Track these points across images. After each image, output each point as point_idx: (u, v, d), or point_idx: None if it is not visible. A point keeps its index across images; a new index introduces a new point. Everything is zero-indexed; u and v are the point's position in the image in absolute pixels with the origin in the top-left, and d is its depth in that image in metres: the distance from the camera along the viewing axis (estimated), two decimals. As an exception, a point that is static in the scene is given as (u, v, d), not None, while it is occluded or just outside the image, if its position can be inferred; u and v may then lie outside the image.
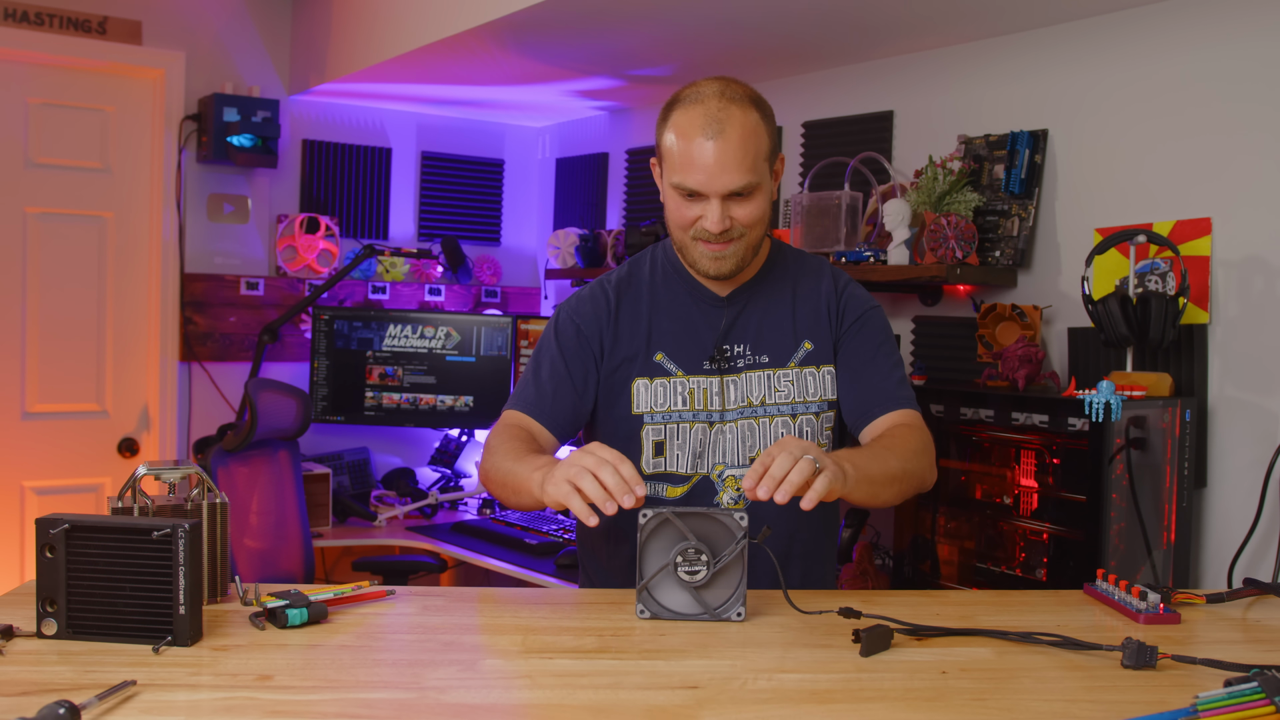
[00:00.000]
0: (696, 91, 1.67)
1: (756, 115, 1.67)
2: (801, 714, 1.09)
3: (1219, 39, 2.39)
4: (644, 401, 1.77)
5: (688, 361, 1.78)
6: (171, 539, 1.24)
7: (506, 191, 4.49)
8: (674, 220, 1.72)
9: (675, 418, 1.77)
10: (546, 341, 1.82)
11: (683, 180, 1.65)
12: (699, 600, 1.40)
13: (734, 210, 1.66)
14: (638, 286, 1.82)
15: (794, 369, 1.79)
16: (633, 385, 1.77)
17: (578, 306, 1.82)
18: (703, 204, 1.66)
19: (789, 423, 1.77)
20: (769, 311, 1.81)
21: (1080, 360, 2.60)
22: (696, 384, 1.77)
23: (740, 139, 1.63)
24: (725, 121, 1.63)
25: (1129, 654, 1.23)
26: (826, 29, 2.83)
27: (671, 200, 1.70)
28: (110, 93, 3.73)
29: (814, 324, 1.81)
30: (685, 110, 1.66)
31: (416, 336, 3.94)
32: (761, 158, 1.67)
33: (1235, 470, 2.35)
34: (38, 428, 3.67)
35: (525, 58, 3.29)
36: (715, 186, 1.64)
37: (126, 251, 3.78)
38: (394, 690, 1.13)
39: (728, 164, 1.63)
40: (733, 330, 1.79)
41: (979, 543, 2.43)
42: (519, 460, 1.59)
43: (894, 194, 2.91)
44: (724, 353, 1.78)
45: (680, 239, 1.74)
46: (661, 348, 1.78)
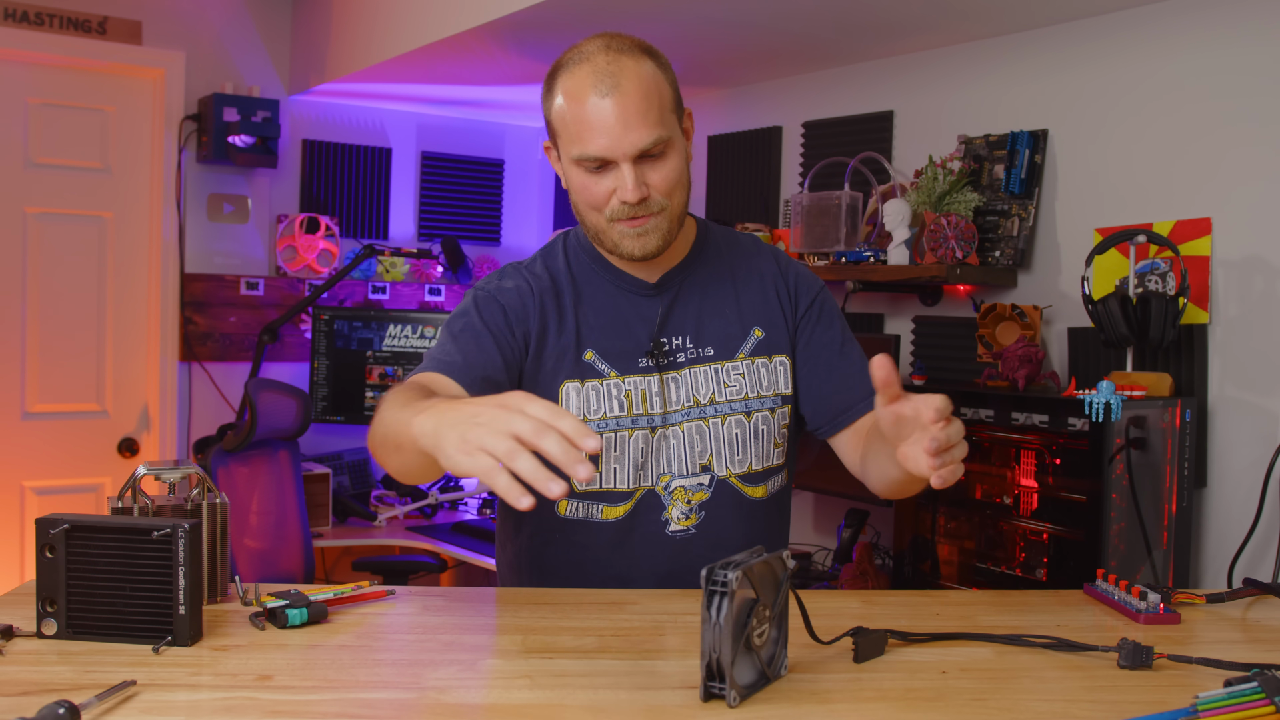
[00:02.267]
0: (579, 52, 1.48)
1: (651, 64, 1.47)
2: (801, 714, 1.09)
3: (1219, 39, 2.39)
4: (575, 408, 1.54)
5: (621, 360, 1.56)
6: (171, 539, 1.23)
7: (506, 191, 4.49)
8: (583, 201, 1.50)
9: (612, 425, 1.54)
10: (460, 317, 1.56)
11: (584, 149, 1.44)
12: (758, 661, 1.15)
13: (649, 175, 1.46)
14: (556, 278, 1.59)
15: (744, 360, 1.59)
16: (561, 390, 1.54)
17: (500, 286, 1.57)
18: (613, 174, 1.45)
19: (743, 421, 1.57)
20: (707, 296, 1.60)
21: (1080, 360, 2.60)
22: (634, 385, 1.55)
23: (640, 90, 1.43)
24: (619, 75, 1.43)
25: (1125, 654, 1.23)
26: (826, 29, 2.83)
27: (577, 179, 1.49)
28: (110, 93, 3.73)
29: (762, 309, 1.61)
30: (571, 73, 1.46)
31: (416, 336, 3.94)
32: (667, 109, 1.47)
33: (1235, 470, 2.35)
34: (38, 428, 3.67)
35: (525, 58, 3.29)
36: (622, 147, 1.43)
37: (126, 251, 3.78)
38: (394, 690, 1.13)
39: (631, 120, 1.42)
40: (669, 320, 1.58)
41: (979, 543, 2.43)
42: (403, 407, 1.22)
43: (894, 194, 2.91)
44: (661, 347, 1.57)
45: (594, 222, 1.51)
46: (591, 345, 1.56)
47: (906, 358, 3.02)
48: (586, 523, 1.58)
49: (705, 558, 1.51)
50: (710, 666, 1.09)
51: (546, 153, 1.57)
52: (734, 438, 1.58)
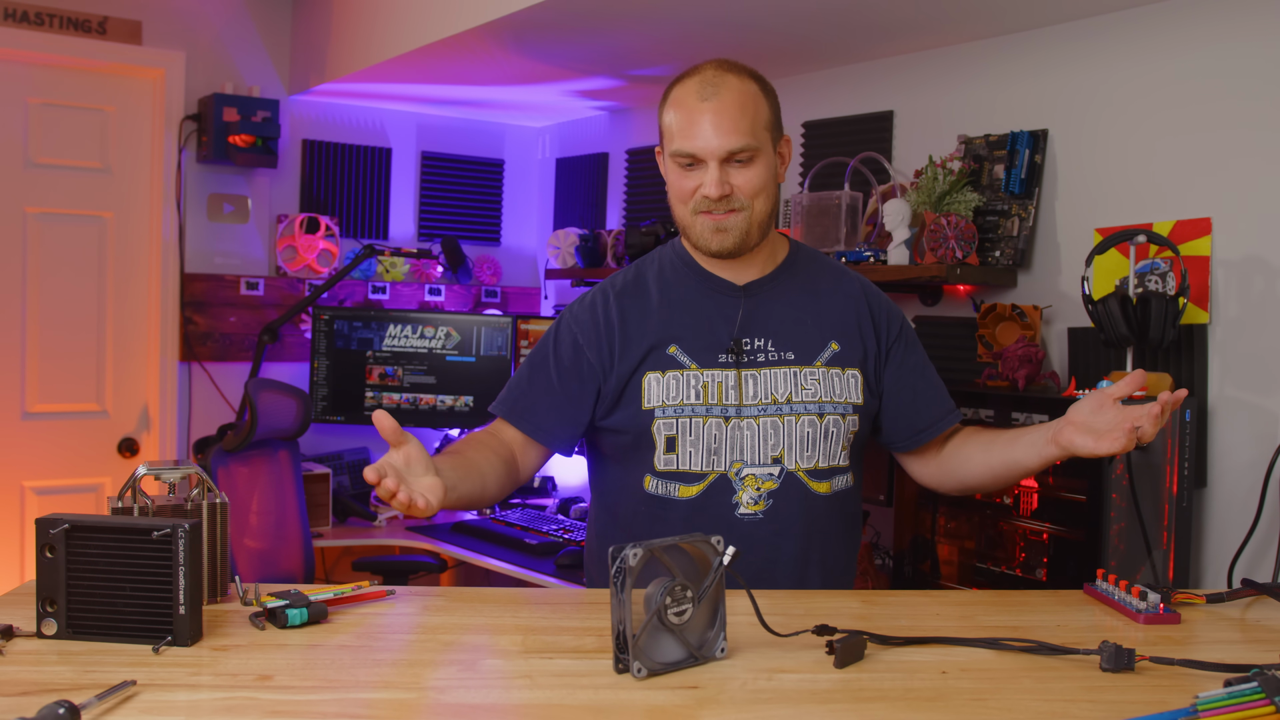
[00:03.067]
0: (694, 68, 1.69)
1: (754, 85, 1.67)
2: (801, 714, 1.09)
3: (1219, 39, 2.39)
4: (655, 396, 1.72)
5: (702, 354, 1.73)
6: (171, 539, 1.23)
7: (506, 191, 4.49)
8: (674, 194, 1.71)
9: (688, 411, 1.70)
10: (543, 349, 1.80)
11: (680, 146, 1.65)
12: (684, 642, 1.21)
13: (733, 176, 1.65)
14: (643, 286, 1.78)
15: (820, 368, 1.75)
16: (644, 381, 1.72)
17: (579, 315, 1.79)
18: (701, 171, 1.65)
19: (815, 422, 1.72)
20: (791, 306, 1.77)
21: (1080, 360, 2.60)
22: (711, 377, 1.71)
23: (736, 101, 1.63)
24: (720, 85, 1.64)
25: (1106, 657, 1.22)
26: (826, 29, 2.83)
27: (673, 174, 1.69)
28: (110, 93, 3.73)
29: (840, 325, 1.77)
30: (682, 84, 1.68)
31: (416, 336, 3.94)
32: (761, 125, 1.66)
33: (1235, 470, 2.35)
34: (38, 428, 3.67)
35: (525, 58, 3.29)
36: (711, 147, 1.63)
37: (126, 251, 3.78)
38: (394, 690, 1.13)
39: (723, 125, 1.62)
40: (751, 323, 1.74)
41: (979, 543, 2.43)
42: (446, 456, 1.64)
43: (894, 194, 2.91)
44: (741, 345, 1.73)
45: (683, 216, 1.71)
46: (675, 341, 1.73)
47: (906, 358, 3.02)
48: (665, 499, 1.73)
49: (769, 542, 1.73)
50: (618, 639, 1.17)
51: (657, 157, 1.77)
52: (805, 435, 1.72)
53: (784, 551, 1.72)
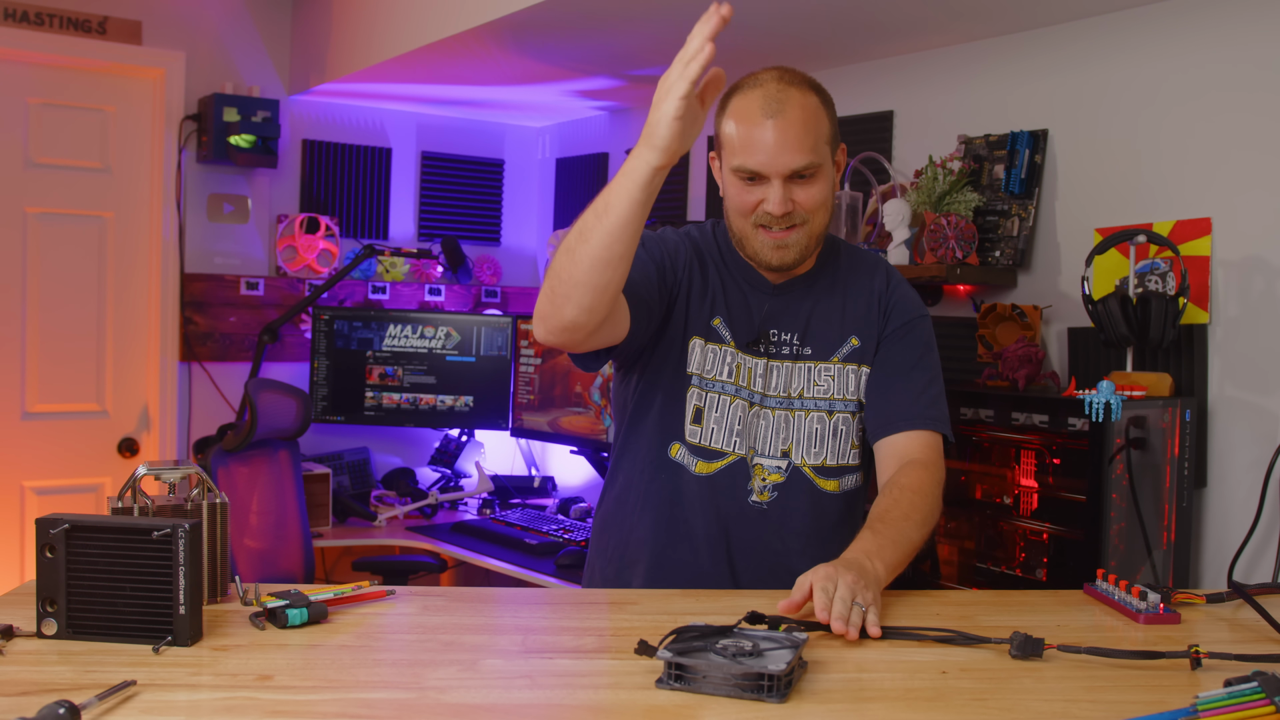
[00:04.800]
0: (754, 79, 1.66)
1: (816, 99, 1.66)
2: (801, 714, 1.09)
3: (1219, 39, 2.39)
4: (696, 362, 1.72)
5: (739, 335, 1.73)
6: (171, 539, 1.23)
7: (506, 191, 4.49)
8: (735, 208, 1.68)
9: (718, 388, 1.72)
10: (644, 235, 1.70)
11: (743, 162, 1.62)
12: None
13: (796, 193, 1.63)
14: (707, 250, 1.77)
15: (836, 364, 1.74)
16: (690, 342, 1.72)
17: (667, 237, 1.75)
18: (764, 187, 1.63)
19: (824, 419, 1.72)
20: (820, 303, 1.76)
21: (1080, 360, 2.60)
22: (744, 360, 1.72)
23: (801, 118, 1.61)
24: (785, 101, 1.61)
25: (1016, 645, 1.28)
26: (827, 29, 2.83)
27: (732, 187, 1.67)
28: (110, 93, 3.73)
29: (862, 321, 1.76)
30: (744, 95, 1.65)
31: (416, 336, 3.94)
32: (823, 140, 1.64)
33: (1235, 470, 2.35)
34: (38, 428, 3.67)
35: (525, 58, 3.29)
36: (777, 166, 1.61)
37: (126, 251, 3.78)
38: (394, 690, 1.13)
39: (789, 142, 1.60)
40: (782, 316, 1.74)
41: (979, 543, 2.43)
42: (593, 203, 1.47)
43: (894, 194, 2.91)
44: (769, 337, 1.73)
45: (741, 228, 1.69)
46: (720, 314, 1.73)
47: (906, 358, 3.02)
48: (685, 469, 1.73)
49: (776, 536, 1.71)
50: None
51: (711, 162, 1.75)
52: (813, 432, 1.72)
53: (790, 546, 1.72)
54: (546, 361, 3.85)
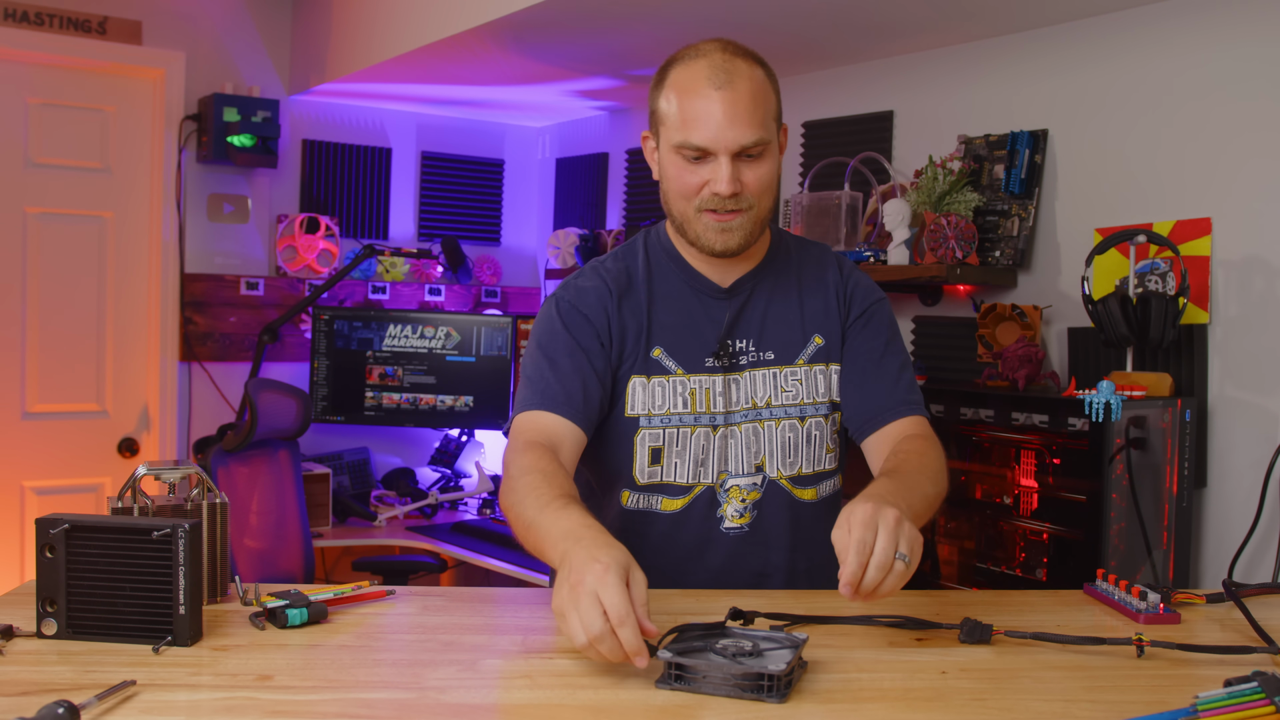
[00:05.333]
0: (695, 49, 1.55)
1: (762, 72, 1.55)
2: (801, 714, 1.09)
3: (1219, 39, 2.39)
4: (640, 403, 1.60)
5: (688, 359, 1.61)
6: (171, 539, 1.23)
7: (506, 191, 4.49)
8: (676, 190, 1.56)
9: (675, 421, 1.60)
10: (551, 335, 1.60)
11: (687, 138, 1.51)
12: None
13: (744, 173, 1.52)
14: (630, 277, 1.65)
15: (802, 366, 1.64)
16: (628, 385, 1.60)
17: (579, 296, 1.63)
18: (710, 165, 1.52)
19: (796, 426, 1.63)
20: (774, 302, 1.65)
21: (1080, 360, 2.60)
22: (698, 384, 1.61)
23: (750, 90, 1.50)
24: (733, 73, 1.50)
25: (965, 631, 1.31)
26: (827, 29, 2.83)
27: (673, 167, 1.55)
28: (110, 93, 3.73)
29: (823, 317, 1.66)
30: (686, 66, 1.54)
31: (416, 336, 3.94)
32: (771, 116, 1.54)
33: (1235, 470, 2.35)
34: (38, 428, 3.67)
35: (525, 58, 3.29)
36: (725, 141, 1.49)
37: (126, 251, 3.78)
38: (394, 690, 1.13)
39: (738, 116, 1.49)
40: (738, 324, 1.64)
41: (979, 543, 2.43)
42: (542, 509, 1.34)
43: (894, 194, 2.91)
44: (728, 348, 1.62)
45: (683, 211, 1.57)
46: (659, 343, 1.61)
47: (906, 358, 3.02)
48: (646, 513, 1.62)
49: (757, 556, 1.63)
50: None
51: (643, 142, 1.65)
52: (786, 441, 1.63)
53: (772, 563, 1.64)
54: (546, 361, 3.84)
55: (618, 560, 1.17)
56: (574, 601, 1.14)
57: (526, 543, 1.38)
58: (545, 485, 1.39)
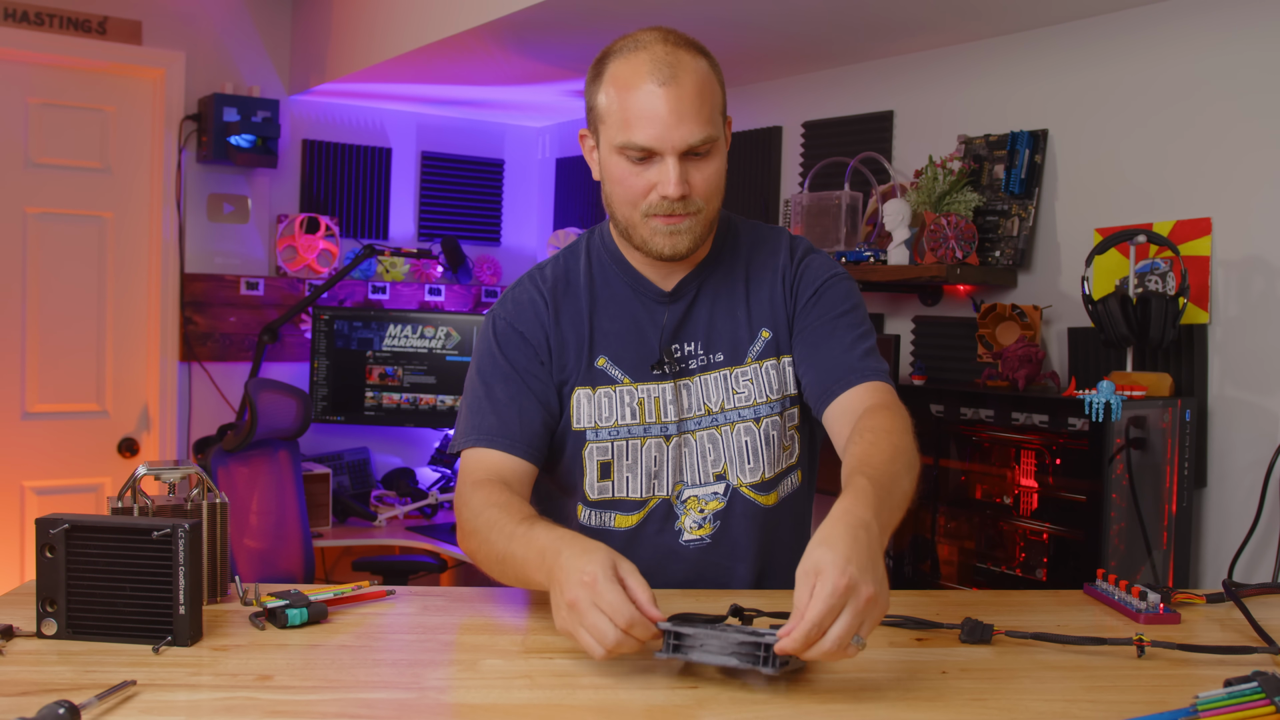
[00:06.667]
0: (634, 40, 1.45)
1: (706, 63, 1.45)
2: (801, 714, 1.09)
3: (1219, 39, 2.39)
4: (586, 415, 1.52)
5: (634, 367, 1.53)
6: (171, 539, 1.23)
7: (506, 191, 4.49)
8: (620, 195, 1.46)
9: (624, 433, 1.52)
10: (489, 358, 1.55)
11: (631, 138, 1.40)
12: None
13: (691, 174, 1.42)
14: (570, 283, 1.56)
15: (752, 365, 1.54)
16: (572, 397, 1.52)
17: (516, 312, 1.55)
18: (656, 166, 1.41)
19: (753, 429, 1.53)
20: (719, 300, 1.55)
21: (1080, 360, 2.60)
22: (646, 392, 1.52)
23: (695, 86, 1.40)
24: (677, 66, 1.40)
25: (966, 630, 1.31)
26: (826, 29, 2.83)
27: (615, 169, 1.44)
28: (110, 93, 3.73)
29: (769, 309, 1.55)
30: (625, 59, 1.43)
31: (416, 336, 3.94)
32: (717, 111, 1.44)
33: (1235, 470, 2.35)
34: (38, 428, 3.67)
35: (525, 58, 3.29)
36: (672, 140, 1.39)
37: (126, 251, 3.78)
38: (394, 690, 1.13)
39: (684, 113, 1.38)
40: (683, 327, 1.54)
41: (979, 543, 2.43)
42: (511, 538, 1.32)
43: (894, 194, 2.91)
44: (673, 354, 1.53)
45: (628, 217, 1.47)
46: (604, 352, 1.53)
47: (906, 358, 3.02)
48: (600, 530, 1.55)
49: (720, 567, 1.55)
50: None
51: (581, 140, 1.54)
52: (744, 445, 1.54)
53: (737, 574, 1.56)
54: (546, 361, 3.85)
55: (603, 564, 1.15)
56: (577, 619, 1.14)
57: (505, 577, 1.36)
58: (504, 517, 1.35)
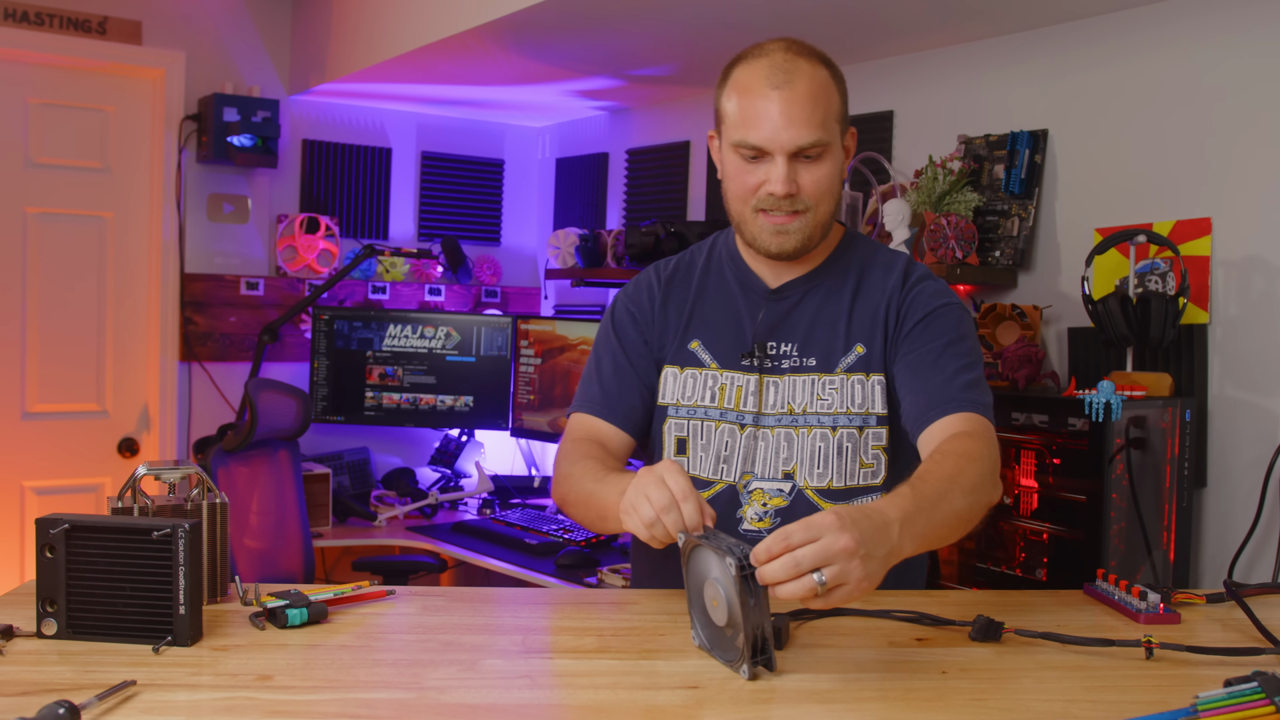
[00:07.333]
0: (760, 49, 1.55)
1: (827, 72, 1.54)
2: (801, 714, 1.09)
3: (1219, 39, 2.39)
4: (671, 392, 1.64)
5: (724, 354, 1.63)
6: (171, 539, 1.23)
7: (506, 191, 4.49)
8: (733, 190, 1.57)
9: (700, 414, 1.62)
10: (604, 335, 1.70)
11: (744, 137, 1.51)
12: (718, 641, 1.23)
13: (801, 175, 1.51)
14: (687, 272, 1.69)
15: (840, 375, 1.59)
16: (662, 373, 1.65)
17: (634, 294, 1.70)
18: (766, 165, 1.51)
19: (827, 435, 1.57)
20: (824, 308, 1.62)
21: (1080, 360, 2.60)
22: (730, 379, 1.61)
23: (809, 91, 1.49)
24: (792, 72, 1.50)
25: (977, 629, 1.32)
26: (827, 29, 2.83)
27: (731, 166, 1.56)
28: (110, 93, 3.73)
29: (869, 326, 1.60)
30: (747, 66, 1.54)
31: (416, 336, 3.94)
32: (832, 117, 1.52)
33: (1235, 470, 2.35)
34: (38, 428, 3.67)
35: (525, 58, 3.29)
36: (781, 141, 1.49)
37: (126, 251, 3.78)
38: (394, 690, 1.13)
39: (795, 116, 1.48)
40: (781, 326, 1.62)
41: (979, 543, 2.43)
42: (600, 481, 1.46)
43: (894, 194, 2.91)
44: (765, 349, 1.61)
45: (740, 212, 1.57)
46: (698, 335, 1.64)
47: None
48: None
49: None
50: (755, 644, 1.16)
51: (709, 141, 1.64)
52: (817, 450, 1.58)
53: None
54: (546, 362, 3.85)
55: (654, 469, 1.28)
56: (640, 487, 1.27)
57: (589, 514, 1.49)
58: (598, 466, 1.51)
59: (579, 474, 1.51)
